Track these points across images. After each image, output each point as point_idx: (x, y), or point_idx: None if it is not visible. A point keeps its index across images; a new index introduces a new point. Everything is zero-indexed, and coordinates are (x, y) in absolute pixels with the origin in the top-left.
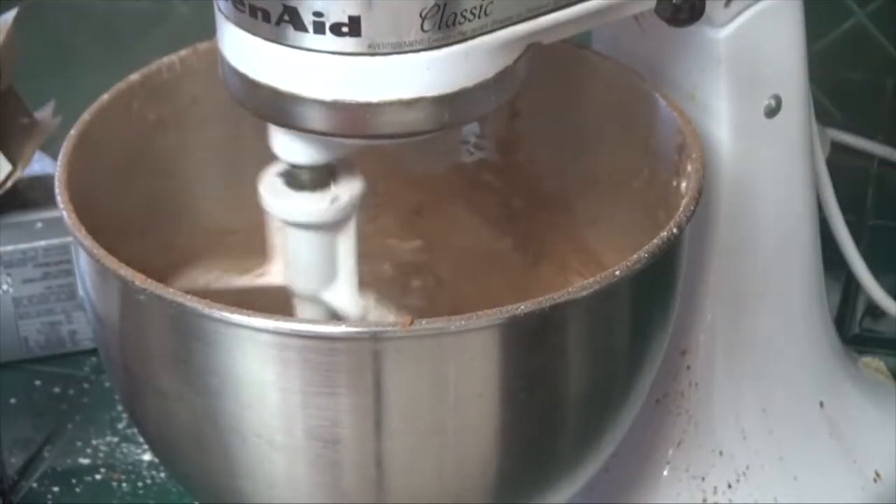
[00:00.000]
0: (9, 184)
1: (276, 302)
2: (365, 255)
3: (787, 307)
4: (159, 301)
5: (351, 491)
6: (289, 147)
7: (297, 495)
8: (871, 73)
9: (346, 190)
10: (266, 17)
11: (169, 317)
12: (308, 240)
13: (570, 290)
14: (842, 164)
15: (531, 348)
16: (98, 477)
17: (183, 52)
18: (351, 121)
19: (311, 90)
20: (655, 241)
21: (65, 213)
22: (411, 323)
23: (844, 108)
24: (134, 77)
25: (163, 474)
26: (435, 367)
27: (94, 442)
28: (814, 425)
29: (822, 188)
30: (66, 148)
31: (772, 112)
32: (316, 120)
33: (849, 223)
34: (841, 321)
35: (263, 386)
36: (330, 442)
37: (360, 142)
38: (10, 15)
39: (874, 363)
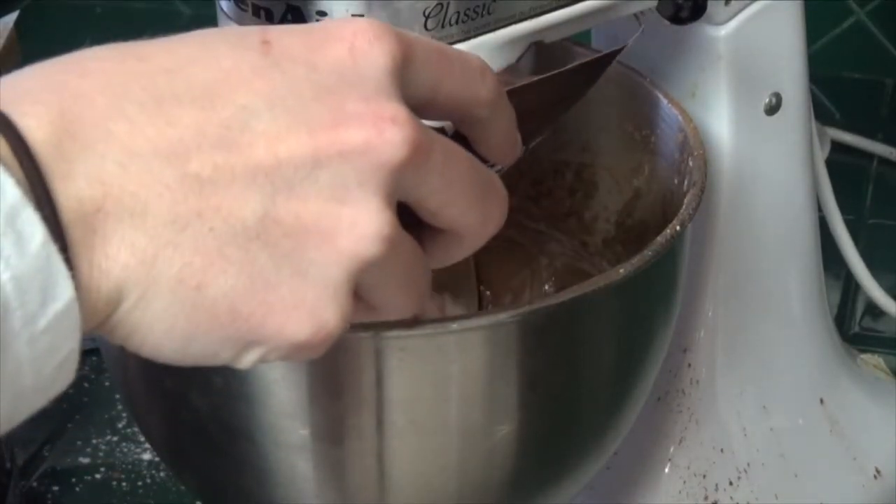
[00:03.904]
0: None
1: None
2: None
3: (787, 304)
4: None
5: (354, 489)
6: None
7: (301, 494)
8: (871, 73)
9: None
10: (269, 16)
11: None
12: None
13: (573, 288)
14: (841, 164)
15: (535, 347)
16: (98, 476)
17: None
18: None
19: None
20: (659, 238)
21: None
22: (413, 322)
23: (844, 107)
24: None
25: (163, 473)
26: (437, 365)
27: (94, 441)
28: (814, 423)
29: (821, 187)
30: None
31: (772, 110)
32: None
33: (848, 222)
34: (841, 320)
35: (268, 385)
36: (333, 441)
37: None
38: (12, 18)
39: (873, 360)
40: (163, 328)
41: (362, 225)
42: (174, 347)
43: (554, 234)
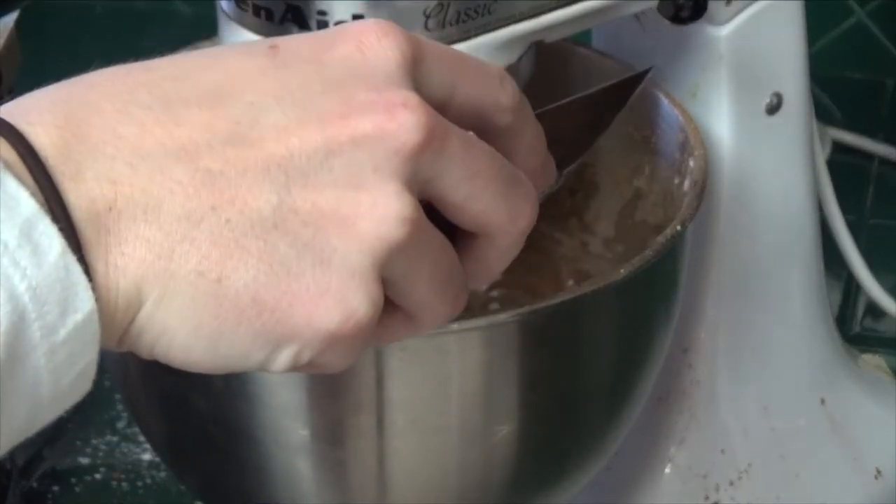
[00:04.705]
0: None
1: None
2: None
3: (788, 305)
4: None
5: (355, 489)
6: None
7: (302, 494)
8: (872, 73)
9: None
10: (269, 15)
11: None
12: None
13: (573, 288)
14: (842, 164)
15: (534, 347)
16: (98, 476)
17: (183, 52)
18: None
19: None
20: (660, 238)
21: None
22: None
23: (845, 107)
24: None
25: (163, 474)
26: (437, 366)
27: (93, 441)
28: (815, 423)
29: (822, 187)
30: None
31: (773, 109)
32: None
33: (849, 222)
34: (842, 320)
35: (268, 386)
36: (334, 441)
37: None
38: (12, 18)
39: (874, 360)
40: (188, 327)
41: (382, 207)
42: (203, 348)
43: (554, 234)
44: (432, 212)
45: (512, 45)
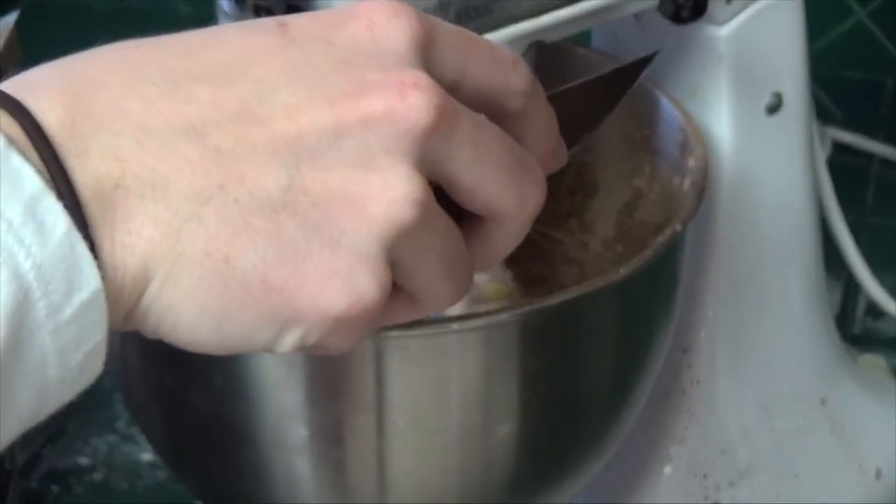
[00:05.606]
0: None
1: None
2: None
3: (788, 304)
4: None
5: (355, 490)
6: None
7: (301, 494)
8: (872, 73)
9: None
10: (269, 15)
11: None
12: None
13: (573, 288)
14: (842, 164)
15: (534, 347)
16: (98, 476)
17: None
18: None
19: None
20: (660, 238)
21: None
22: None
23: (845, 107)
24: None
25: (163, 474)
26: (437, 366)
27: (93, 441)
28: (815, 423)
29: (822, 187)
30: None
31: (773, 109)
32: None
33: (849, 222)
34: (842, 320)
35: (268, 385)
36: (333, 441)
37: None
38: (12, 17)
39: (874, 360)
40: (195, 307)
41: (392, 189)
42: (209, 328)
43: (554, 234)
44: (438, 195)
45: (512, 45)
